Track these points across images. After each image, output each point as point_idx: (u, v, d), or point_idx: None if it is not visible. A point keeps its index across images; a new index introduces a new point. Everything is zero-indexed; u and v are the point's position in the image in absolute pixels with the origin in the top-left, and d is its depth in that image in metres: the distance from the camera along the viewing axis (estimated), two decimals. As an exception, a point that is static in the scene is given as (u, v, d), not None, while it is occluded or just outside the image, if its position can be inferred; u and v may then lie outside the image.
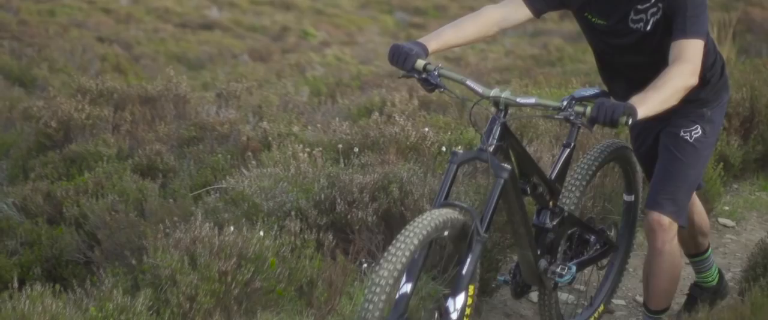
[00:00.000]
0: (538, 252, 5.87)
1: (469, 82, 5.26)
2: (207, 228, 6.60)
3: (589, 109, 4.99)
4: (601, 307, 6.78)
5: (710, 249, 6.83)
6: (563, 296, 6.98)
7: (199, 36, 31.53)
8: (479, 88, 5.24)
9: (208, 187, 9.00)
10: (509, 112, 5.27)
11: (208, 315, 6.18)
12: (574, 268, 6.02)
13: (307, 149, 8.76)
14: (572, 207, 6.06)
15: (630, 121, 4.92)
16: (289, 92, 15.49)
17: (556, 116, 5.15)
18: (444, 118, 11.28)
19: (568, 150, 6.01)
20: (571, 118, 5.07)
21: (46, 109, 12.15)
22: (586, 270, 6.71)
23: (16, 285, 6.18)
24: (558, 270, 5.94)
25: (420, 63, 5.29)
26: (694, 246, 6.66)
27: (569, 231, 6.19)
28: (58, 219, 9.03)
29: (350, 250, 6.89)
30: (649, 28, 5.61)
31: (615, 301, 7.36)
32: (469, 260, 5.08)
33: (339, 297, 6.65)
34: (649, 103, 5.10)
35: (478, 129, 5.40)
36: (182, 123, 11.86)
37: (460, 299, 5.07)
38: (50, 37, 26.49)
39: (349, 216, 7.29)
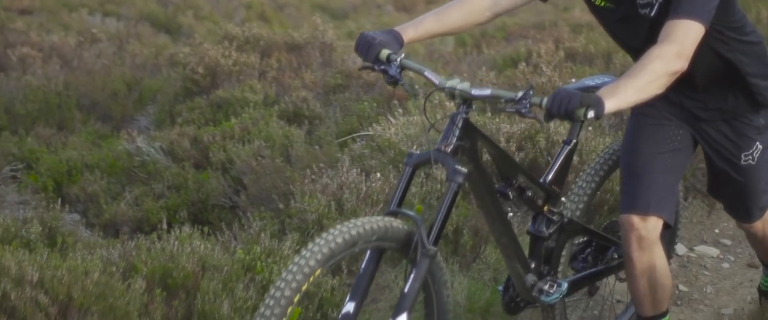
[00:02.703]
0: (533, 264, 5.17)
1: (427, 73, 4.66)
2: (354, 175, 6.62)
3: (545, 101, 4.26)
4: None
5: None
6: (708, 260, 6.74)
7: (342, -14, 31.58)
8: (436, 79, 4.61)
9: (354, 134, 9.01)
10: (473, 106, 4.58)
11: (354, 259, 6.16)
12: (565, 285, 5.22)
13: (454, 98, 8.66)
14: (576, 213, 5.36)
15: (590, 114, 4.20)
16: (433, 42, 15.42)
17: (507, 109, 4.38)
18: (590, 69, 11.11)
19: (568, 147, 5.28)
20: (523, 111, 4.31)
21: (193, 55, 12.28)
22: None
23: (165, 226, 6.26)
24: (546, 287, 5.16)
25: (384, 53, 4.72)
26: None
27: (580, 240, 5.58)
28: (204, 164, 9.13)
29: (496, 199, 6.82)
30: (653, 13, 4.83)
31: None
32: (412, 277, 4.38)
33: (484, 245, 6.60)
34: (621, 93, 4.34)
35: (429, 122, 4.74)
36: (328, 71, 11.90)
37: None
38: (196, -15, 26.77)
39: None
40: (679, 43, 4.47)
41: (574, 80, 7.86)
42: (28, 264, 5.30)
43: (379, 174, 6.61)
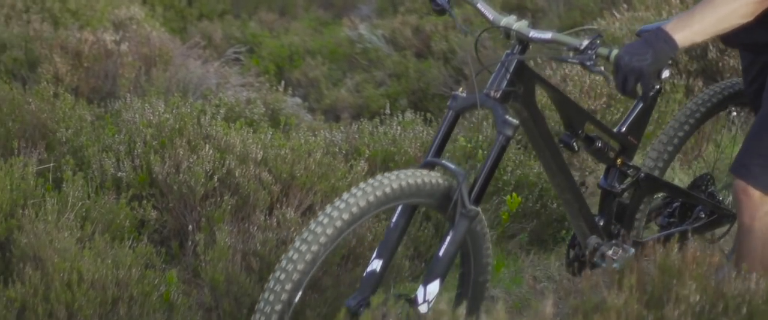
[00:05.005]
0: (602, 223, 4.53)
1: (479, 5, 4.07)
2: (577, 68, 6.52)
3: (615, 54, 3.67)
4: None
5: None
6: None
7: None
8: (490, 15, 4.02)
9: (577, 28, 8.84)
10: (529, 48, 3.98)
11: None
12: (631, 252, 4.49)
13: (682, -6, 8.46)
14: (656, 169, 4.69)
15: (665, 74, 3.69)
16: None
17: (569, 59, 3.77)
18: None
19: (650, 94, 4.47)
20: (587, 63, 3.70)
21: (416, -56, 12.21)
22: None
23: (388, 111, 6.29)
24: (609, 252, 4.45)
25: None
26: None
27: (661, 197, 4.89)
28: (425, 53, 9.15)
29: (720, 99, 6.68)
30: None
31: None
32: (448, 239, 3.86)
33: (706, 144, 6.46)
34: (696, 23, 3.69)
35: (481, 63, 4.08)
36: (552, -37, 11.72)
37: (434, 287, 3.85)
38: None
39: (720, 64, 7.07)
40: None
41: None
42: (253, 143, 5.37)
43: (602, 68, 6.49)
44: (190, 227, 5.08)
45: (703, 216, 4.92)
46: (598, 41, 3.71)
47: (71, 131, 5.86)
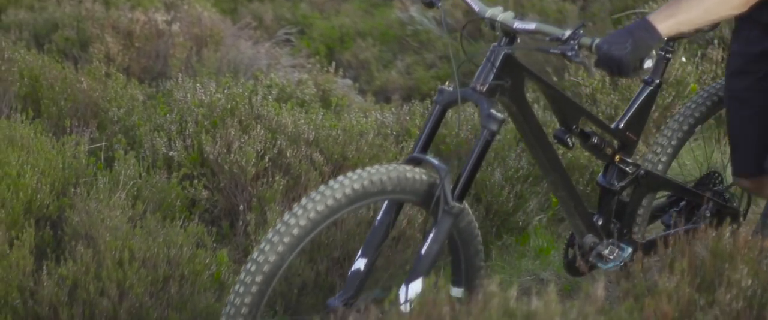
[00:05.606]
0: (601, 221, 4.40)
1: None
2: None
3: (595, 44, 3.55)
4: None
5: None
6: None
7: None
8: (476, 5, 3.95)
9: (629, 11, 8.80)
10: (517, 40, 3.85)
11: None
12: (628, 251, 4.40)
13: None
14: (658, 166, 4.54)
15: (647, 64, 3.49)
16: None
17: (551, 50, 3.66)
18: None
19: (649, 88, 4.40)
20: (569, 53, 3.59)
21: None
22: None
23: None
24: (605, 252, 4.35)
25: None
26: None
27: (666, 195, 4.79)
28: (476, 35, 9.08)
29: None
30: None
31: None
32: (431, 237, 3.76)
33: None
34: (682, 13, 3.54)
35: (465, 54, 3.96)
36: (604, -55, 11.63)
37: (415, 286, 3.71)
38: None
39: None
40: None
41: None
42: (304, 123, 5.38)
43: (653, 52, 6.44)
44: (241, 207, 5.09)
45: (709, 214, 4.77)
46: (582, 31, 3.62)
47: (123, 110, 5.90)
